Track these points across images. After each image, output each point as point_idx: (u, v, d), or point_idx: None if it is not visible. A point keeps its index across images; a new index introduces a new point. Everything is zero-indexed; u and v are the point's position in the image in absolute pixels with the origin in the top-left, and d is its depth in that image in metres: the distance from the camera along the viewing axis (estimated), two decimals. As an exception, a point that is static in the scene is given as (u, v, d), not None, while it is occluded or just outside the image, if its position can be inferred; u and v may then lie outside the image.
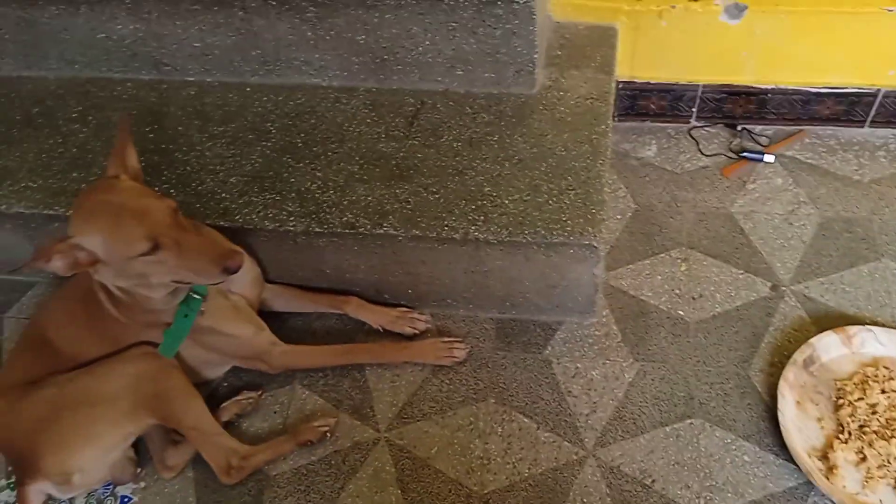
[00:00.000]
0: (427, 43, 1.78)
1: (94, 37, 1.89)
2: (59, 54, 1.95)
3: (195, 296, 1.55)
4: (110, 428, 1.55)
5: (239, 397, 1.73)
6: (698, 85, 2.08)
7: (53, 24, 1.87)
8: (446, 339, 1.79)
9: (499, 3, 1.67)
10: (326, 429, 1.67)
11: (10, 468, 1.65)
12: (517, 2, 1.67)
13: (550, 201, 1.67)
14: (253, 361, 1.72)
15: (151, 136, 1.87)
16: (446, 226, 1.65)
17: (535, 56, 1.77)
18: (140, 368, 1.55)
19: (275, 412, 1.77)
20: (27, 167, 1.83)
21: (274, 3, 1.73)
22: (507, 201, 1.68)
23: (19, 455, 1.53)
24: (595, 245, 1.62)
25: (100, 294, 1.53)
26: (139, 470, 1.69)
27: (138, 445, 1.66)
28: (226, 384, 1.81)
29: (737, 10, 1.89)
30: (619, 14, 1.94)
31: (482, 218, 1.66)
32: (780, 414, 1.64)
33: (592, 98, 1.83)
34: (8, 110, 1.95)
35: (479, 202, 1.68)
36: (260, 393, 1.75)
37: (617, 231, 2.00)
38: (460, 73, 1.84)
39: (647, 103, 2.14)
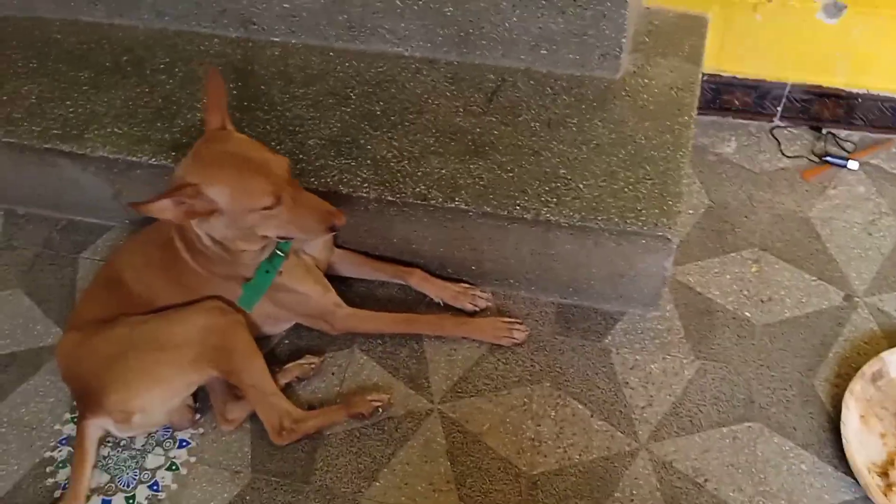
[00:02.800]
0: (514, 19, 1.76)
1: (186, -10, 1.93)
2: (150, 5, 1.99)
3: (279, 253, 1.58)
4: (175, 374, 1.59)
5: (301, 361, 1.76)
6: (786, 83, 2.02)
7: (149, -26, 1.91)
8: (507, 319, 1.79)
9: (592, -17, 1.65)
10: (379, 404, 1.69)
11: (74, 401, 1.71)
12: (611, -17, 1.64)
13: (626, 189, 1.65)
14: (316, 320, 1.75)
15: (234, 93, 1.89)
16: (518, 205, 1.65)
17: (624, 41, 1.74)
18: (210, 321, 1.59)
19: (332, 373, 1.80)
20: (113, 113, 1.88)
21: (366, -32, 1.74)
22: (581, 185, 1.66)
23: (85, 389, 1.58)
24: (669, 237, 1.59)
25: (178, 243, 1.57)
26: (198, 416, 1.74)
27: (198, 394, 1.70)
28: (287, 342, 1.85)
29: (835, 9, 1.82)
30: (711, 4, 1.89)
31: (555, 200, 1.65)
32: (842, 426, 1.60)
33: (677, 88, 1.80)
34: (98, 56, 2.00)
35: (553, 184, 1.67)
36: (322, 359, 1.78)
37: (688, 226, 1.97)
38: (544, 52, 1.82)
39: (730, 98, 2.09)
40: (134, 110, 1.88)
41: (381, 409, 1.69)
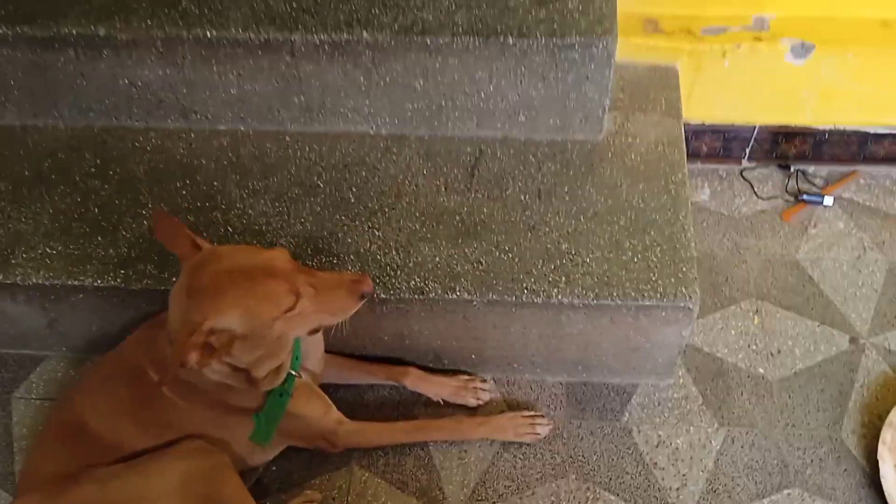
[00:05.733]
0: (491, 89, 1.64)
1: (115, 83, 1.69)
2: (71, 102, 1.75)
3: (292, 372, 1.39)
4: None
5: (300, 500, 1.55)
6: (754, 126, 1.99)
7: (69, 69, 1.66)
8: (526, 413, 1.64)
9: (576, 47, 1.54)
10: None
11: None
12: (596, 46, 1.54)
13: (636, 259, 1.54)
14: (315, 441, 1.55)
15: (184, 192, 1.68)
16: (525, 288, 1.51)
17: (607, 102, 1.65)
18: (191, 466, 1.37)
19: (333, 499, 1.59)
20: (42, 231, 1.62)
21: (326, 47, 1.57)
22: (588, 259, 1.55)
23: (51, 565, 1.32)
24: (690, 307, 1.50)
25: (153, 374, 1.35)
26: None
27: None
28: (274, 468, 1.63)
29: (803, 50, 1.80)
30: (680, 54, 1.83)
31: (564, 279, 1.52)
32: (883, 480, 1.55)
33: (663, 144, 1.72)
34: (14, 165, 1.73)
35: (559, 261, 1.55)
36: (323, 495, 1.58)
37: (683, 283, 1.89)
38: (522, 119, 1.70)
39: (698, 144, 2.04)
40: (67, 225, 1.63)
41: None
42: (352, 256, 1.57)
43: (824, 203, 2.00)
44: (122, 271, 1.55)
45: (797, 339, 1.79)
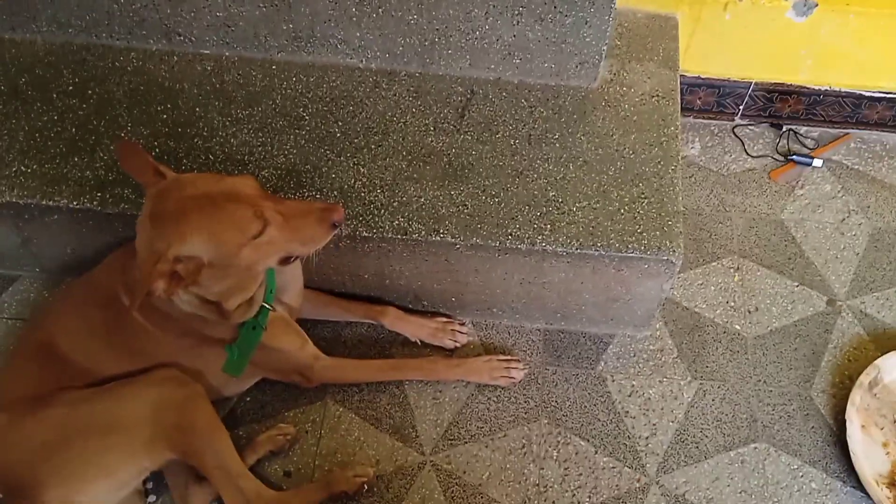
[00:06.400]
0: (486, 27, 1.59)
1: (97, -2, 1.63)
2: (51, 16, 1.68)
3: (266, 305, 1.39)
4: (125, 460, 1.36)
5: (273, 432, 1.55)
6: (750, 82, 1.96)
7: (50, -19, 1.60)
8: (502, 357, 1.65)
9: (577, -12, 1.50)
10: (364, 480, 1.50)
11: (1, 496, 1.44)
12: (597, -12, 1.50)
13: (622, 210, 1.53)
14: (290, 375, 1.55)
15: (164, 116, 1.63)
16: (510, 234, 1.50)
17: (604, 48, 1.61)
18: (164, 395, 1.36)
19: (306, 431, 1.60)
20: (18, 148, 1.57)
21: (319, -28, 1.52)
22: (574, 208, 1.53)
23: (17, 482, 1.32)
24: (673, 261, 1.49)
25: (124, 299, 1.33)
26: (151, 500, 1.50)
27: (152, 474, 1.46)
28: (248, 399, 1.63)
29: (805, 8, 1.77)
30: (681, 3, 1.79)
31: (549, 227, 1.51)
32: (849, 439, 1.58)
33: (658, 96, 1.69)
34: (-11, 79, 1.68)
35: (545, 208, 1.53)
36: (297, 428, 1.59)
37: (666, 236, 1.89)
38: (517, 61, 1.66)
39: (692, 98, 2.01)
40: (43, 143, 1.58)
41: (366, 487, 1.50)
42: (335, 192, 1.54)
43: (813, 164, 1.99)
44: (99, 194, 1.52)
45: (775, 298, 1.80)
